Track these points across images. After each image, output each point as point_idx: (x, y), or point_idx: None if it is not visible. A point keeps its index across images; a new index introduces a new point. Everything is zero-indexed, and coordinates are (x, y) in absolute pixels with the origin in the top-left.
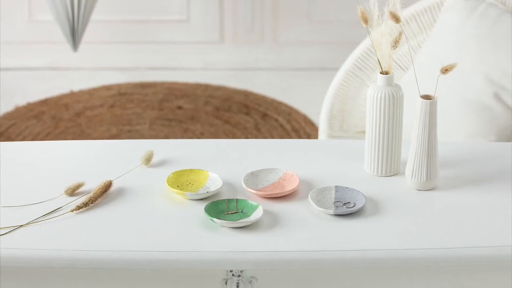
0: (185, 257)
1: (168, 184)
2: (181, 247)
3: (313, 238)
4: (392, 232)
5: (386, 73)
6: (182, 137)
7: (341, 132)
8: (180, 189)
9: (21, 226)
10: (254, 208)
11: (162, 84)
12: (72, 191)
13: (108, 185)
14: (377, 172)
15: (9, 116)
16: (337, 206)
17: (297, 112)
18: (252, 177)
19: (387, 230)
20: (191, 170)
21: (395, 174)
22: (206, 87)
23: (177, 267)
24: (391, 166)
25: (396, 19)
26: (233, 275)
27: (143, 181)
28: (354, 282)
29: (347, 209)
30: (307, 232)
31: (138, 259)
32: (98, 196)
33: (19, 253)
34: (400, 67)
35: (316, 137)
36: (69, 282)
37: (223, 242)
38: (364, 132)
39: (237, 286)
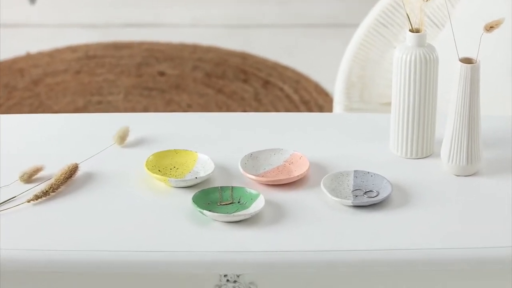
0: (168, 259)
1: (148, 168)
2: (163, 246)
3: (327, 235)
4: (425, 228)
5: (417, 31)
6: (165, 110)
7: (361, 104)
8: (163, 175)
9: None
10: (253, 198)
11: (140, 44)
12: (29, 177)
13: (73, 169)
14: (406, 154)
15: None
16: (357, 196)
17: (306, 79)
18: (252, 160)
19: (418, 225)
20: (175, 151)
21: (428, 156)
22: (194, 48)
23: (159, 271)
24: (423, 146)
25: None
26: (227, 280)
27: (116, 165)
28: None
29: (369, 199)
30: (319, 228)
31: (110, 261)
32: (61, 183)
33: None
34: (434, 23)
35: (330, 110)
36: None
37: (215, 240)
38: (389, 103)
39: None
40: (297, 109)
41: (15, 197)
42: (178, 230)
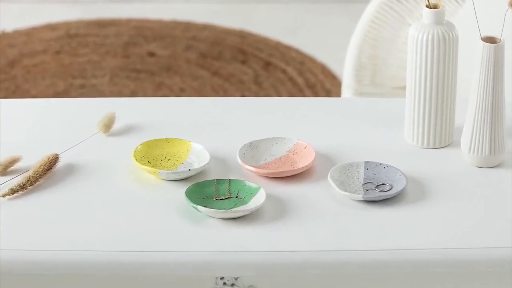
0: (158, 260)
1: (136, 159)
2: (153, 246)
3: (334, 234)
4: (443, 225)
5: (435, 6)
6: (155, 95)
7: (373, 88)
8: (152, 166)
9: None
10: (253, 192)
11: (127, 21)
12: (4, 169)
13: (54, 160)
14: (422, 143)
15: None
16: (368, 190)
17: (312, 60)
18: (251, 150)
19: (436, 222)
20: (167, 140)
21: (447, 146)
22: (188, 26)
23: (148, 273)
24: (441, 135)
25: None
26: (224, 283)
27: (101, 155)
28: None
29: (381, 194)
30: (325, 226)
31: (93, 262)
32: (40, 175)
33: None
34: None
35: (338, 94)
36: None
37: (210, 239)
38: (404, 87)
39: None
40: (302, 94)
41: None
42: (170, 228)
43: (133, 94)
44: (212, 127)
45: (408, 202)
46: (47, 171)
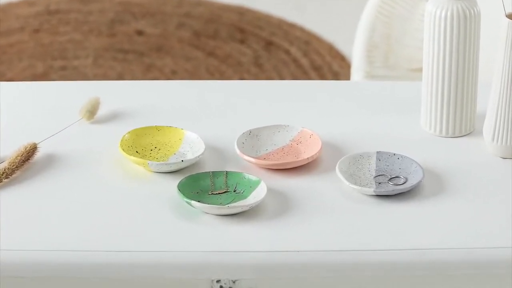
0: (147, 261)
1: (123, 149)
2: (141, 246)
3: (343, 232)
4: (464, 222)
5: None
6: (144, 78)
7: (386, 70)
8: (141, 157)
9: None
10: (253, 186)
11: None
12: None
13: (32, 150)
14: (441, 131)
15: None
16: (380, 183)
17: (318, 39)
18: (251, 139)
19: (456, 218)
20: (157, 128)
21: (468, 134)
22: (180, 1)
23: (136, 276)
24: (461, 122)
25: None
26: (221, 287)
27: (84, 145)
28: None
29: (395, 187)
30: (333, 223)
31: (75, 264)
32: (16, 167)
33: None
34: None
35: (348, 77)
36: None
37: (205, 237)
38: (420, 69)
39: None
40: (307, 76)
41: None
42: (160, 226)
43: (120, 77)
44: (207, 113)
45: (425, 197)
46: (24, 163)
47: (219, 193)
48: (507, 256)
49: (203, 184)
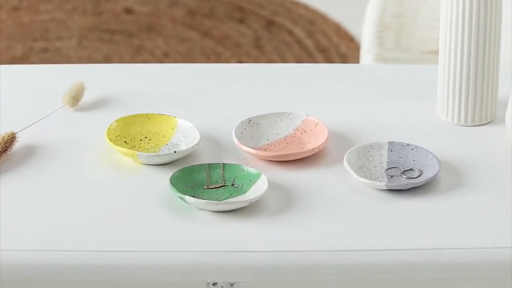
0: (137, 262)
1: (110, 139)
2: (130, 245)
3: (352, 230)
4: (485, 219)
5: None
6: (133, 61)
7: (398, 53)
8: (130, 148)
9: None
10: (253, 180)
11: None
12: None
13: (10, 140)
14: (459, 119)
15: None
16: (392, 176)
17: (324, 18)
18: (250, 128)
19: (476, 215)
20: (147, 116)
21: (489, 122)
22: None
23: (124, 278)
24: (481, 109)
25: None
26: None
27: (67, 134)
28: None
29: (409, 181)
30: (341, 220)
31: (56, 264)
32: None
33: None
34: None
35: (357, 60)
36: None
37: (200, 236)
38: (436, 52)
39: None
40: (312, 59)
41: None
42: (150, 223)
43: (106, 59)
44: (202, 100)
45: (442, 192)
46: (1, 154)
47: (215, 188)
48: None
49: (198, 178)
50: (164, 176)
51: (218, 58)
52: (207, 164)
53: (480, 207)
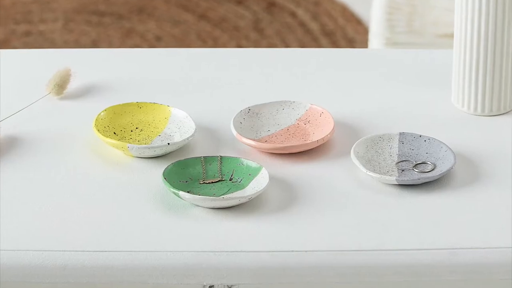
0: (128, 262)
1: (98, 130)
2: (121, 245)
3: (359, 228)
4: (505, 216)
5: None
6: (123, 46)
7: (410, 36)
8: (120, 139)
9: None
10: (252, 174)
11: None
12: None
13: None
14: (475, 109)
15: None
16: (403, 170)
17: None
18: (250, 118)
19: (494, 212)
20: (138, 105)
21: (508, 112)
22: None
23: (115, 280)
24: (499, 98)
25: None
26: None
27: (52, 125)
28: None
29: (422, 175)
30: (348, 217)
31: (42, 265)
32: None
33: None
34: None
35: (365, 45)
36: None
37: (196, 235)
38: (450, 36)
39: None
40: (317, 44)
41: None
42: (142, 221)
43: (94, 44)
44: (198, 87)
45: (457, 186)
46: None
47: (212, 182)
48: None
49: (193, 172)
50: (157, 170)
51: (215, 43)
52: (203, 157)
53: (498, 203)
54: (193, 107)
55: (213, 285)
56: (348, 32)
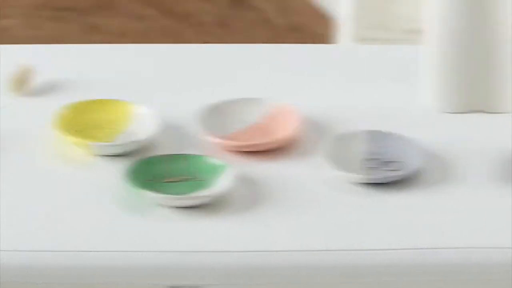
0: (89, 262)
1: (60, 128)
2: (82, 244)
3: (327, 227)
4: (474, 216)
5: None
6: (85, 41)
7: (380, 32)
8: (82, 137)
9: None
10: (218, 172)
11: None
12: None
13: None
14: (445, 106)
15: None
16: (372, 168)
17: None
18: (216, 114)
19: (464, 211)
20: (101, 102)
21: (477, 110)
22: None
23: (75, 281)
24: (469, 96)
25: None
26: None
27: (12, 123)
28: None
29: (390, 174)
30: (315, 216)
31: (8, 266)
32: None
33: None
34: None
35: (333, 41)
36: None
37: (160, 235)
38: (420, 31)
39: None
40: (283, 39)
41: None
42: (105, 220)
43: (56, 39)
44: (162, 84)
45: (426, 186)
46: None
47: (177, 181)
48: None
49: (157, 170)
50: (120, 169)
51: (179, 38)
52: (168, 155)
53: (468, 202)
54: (157, 104)
55: (179, 287)
56: (315, 28)
